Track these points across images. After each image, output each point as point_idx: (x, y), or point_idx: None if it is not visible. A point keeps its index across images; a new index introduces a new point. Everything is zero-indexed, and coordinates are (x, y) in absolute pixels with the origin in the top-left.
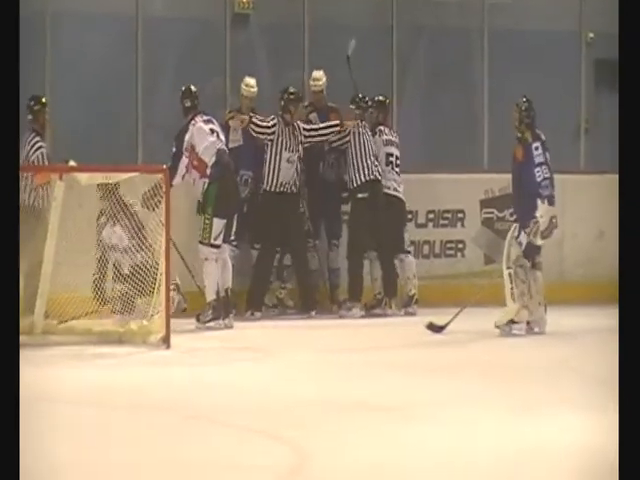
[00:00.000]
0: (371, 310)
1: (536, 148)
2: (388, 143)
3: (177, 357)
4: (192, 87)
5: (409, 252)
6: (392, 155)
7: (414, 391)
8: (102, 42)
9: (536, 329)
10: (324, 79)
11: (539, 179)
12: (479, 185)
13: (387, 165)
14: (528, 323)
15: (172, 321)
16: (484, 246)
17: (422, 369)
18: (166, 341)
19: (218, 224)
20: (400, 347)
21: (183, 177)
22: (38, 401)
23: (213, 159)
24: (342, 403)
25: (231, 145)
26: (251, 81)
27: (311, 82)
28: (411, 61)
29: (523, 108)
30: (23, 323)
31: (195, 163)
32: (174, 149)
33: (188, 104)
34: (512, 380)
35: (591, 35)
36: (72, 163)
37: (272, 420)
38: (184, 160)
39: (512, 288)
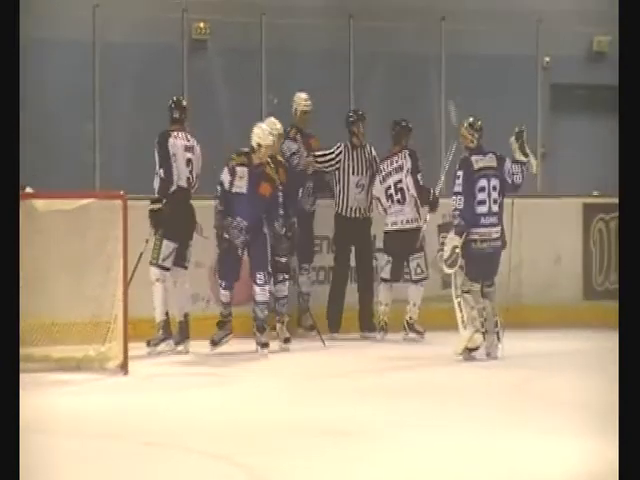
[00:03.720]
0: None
1: (458, 177)
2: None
3: (135, 383)
4: (182, 101)
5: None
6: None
7: (378, 416)
8: (60, 68)
9: (491, 354)
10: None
11: (453, 208)
12: (437, 210)
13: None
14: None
15: (130, 347)
16: (442, 270)
17: (384, 393)
18: (124, 368)
19: (168, 246)
20: (365, 372)
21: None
22: None
23: (177, 179)
24: (298, 428)
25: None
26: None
27: (302, 102)
28: (368, 88)
29: (472, 130)
30: None
31: (163, 176)
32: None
33: (175, 116)
34: (467, 404)
35: (547, 59)
36: (29, 189)
37: (230, 446)
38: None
39: (462, 316)
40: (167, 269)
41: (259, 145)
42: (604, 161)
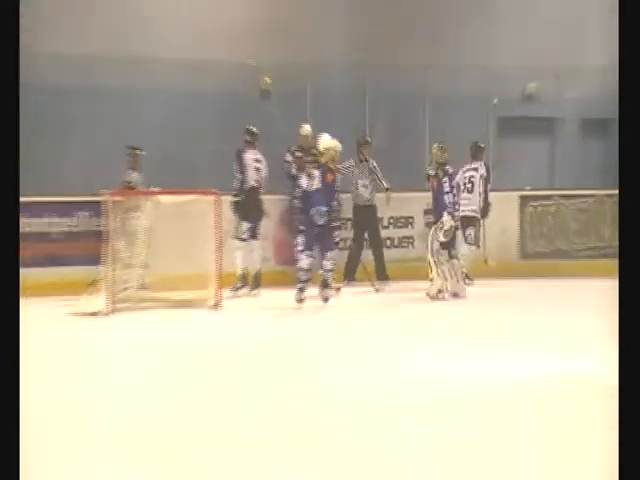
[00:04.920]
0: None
1: (445, 182)
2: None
3: (225, 315)
4: (253, 129)
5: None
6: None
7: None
8: (165, 113)
9: (460, 295)
10: (310, 128)
11: (447, 202)
12: (423, 200)
13: None
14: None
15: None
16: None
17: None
18: (217, 305)
19: (244, 225)
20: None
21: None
22: (119, 349)
23: (250, 181)
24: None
25: (314, 187)
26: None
27: (302, 130)
28: (377, 118)
29: (440, 150)
30: (123, 295)
31: (239, 178)
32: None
33: (248, 139)
34: (439, 330)
35: (495, 101)
36: (155, 189)
37: (307, 360)
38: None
39: (437, 270)
40: (244, 240)
41: (326, 149)
42: (535, 167)
